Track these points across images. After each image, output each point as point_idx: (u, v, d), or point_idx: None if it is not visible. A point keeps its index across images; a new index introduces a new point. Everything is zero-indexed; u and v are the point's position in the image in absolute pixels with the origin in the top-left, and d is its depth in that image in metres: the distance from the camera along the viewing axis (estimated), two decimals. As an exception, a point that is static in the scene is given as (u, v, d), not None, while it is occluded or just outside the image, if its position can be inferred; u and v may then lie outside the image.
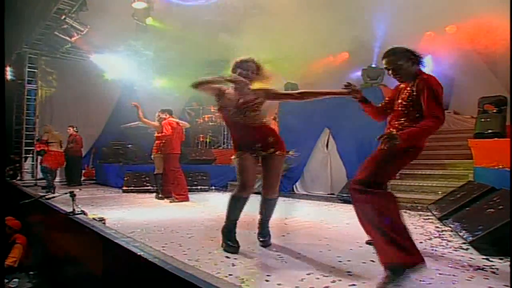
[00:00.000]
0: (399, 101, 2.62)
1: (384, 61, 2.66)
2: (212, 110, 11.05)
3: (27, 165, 10.05)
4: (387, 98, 2.87)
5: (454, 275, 2.34)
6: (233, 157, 3.10)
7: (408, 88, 2.56)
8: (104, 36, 8.58)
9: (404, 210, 4.94)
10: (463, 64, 8.30)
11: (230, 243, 2.98)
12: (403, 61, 2.55)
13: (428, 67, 8.12)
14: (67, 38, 8.05)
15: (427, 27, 8.50)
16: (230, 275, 2.37)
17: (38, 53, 9.79)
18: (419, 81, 2.49)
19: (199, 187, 7.68)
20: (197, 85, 2.98)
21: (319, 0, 7.56)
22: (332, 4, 7.35)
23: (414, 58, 2.56)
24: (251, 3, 7.82)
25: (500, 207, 3.10)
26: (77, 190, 4.47)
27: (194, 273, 2.13)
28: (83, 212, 4.17)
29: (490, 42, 7.50)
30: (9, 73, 10.07)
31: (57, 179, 9.90)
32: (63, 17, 7.47)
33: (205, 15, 7.67)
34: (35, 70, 9.98)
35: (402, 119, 2.57)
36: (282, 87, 8.89)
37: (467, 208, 3.66)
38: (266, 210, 3.26)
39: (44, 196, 4.36)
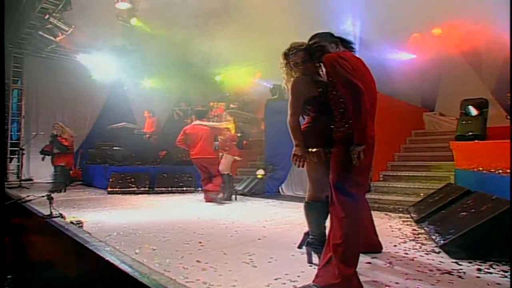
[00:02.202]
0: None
1: (309, 44, 2.58)
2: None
3: (12, 165, 9.92)
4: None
5: (420, 279, 2.35)
6: None
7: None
8: (89, 35, 8.49)
9: (385, 212, 4.97)
10: (448, 66, 8.36)
11: None
12: (326, 42, 2.49)
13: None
14: (52, 38, 7.96)
15: (413, 29, 8.54)
16: (197, 280, 2.36)
17: (23, 53, 9.68)
18: (323, 61, 2.39)
19: (184, 188, 7.66)
20: None
21: (302, 3, 7.57)
22: (314, 6, 7.36)
23: (339, 41, 2.51)
24: (233, 4, 7.80)
25: (473, 210, 3.12)
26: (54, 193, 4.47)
27: (158, 279, 2.13)
28: (60, 215, 4.14)
29: (475, 45, 7.57)
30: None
31: (49, 179, 9.85)
32: (47, 16, 7.38)
33: (191, 16, 7.62)
34: (21, 70, 9.86)
35: (337, 108, 2.40)
36: (267, 91, 8.92)
37: (442, 211, 3.69)
38: None
39: (20, 199, 4.31)
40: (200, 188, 8.07)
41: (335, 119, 2.40)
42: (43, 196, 4.14)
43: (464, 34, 7.78)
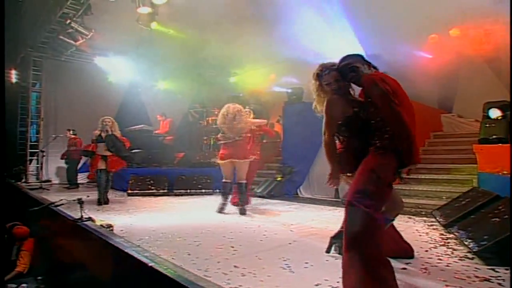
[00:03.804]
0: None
1: (341, 65, 2.63)
2: (216, 112, 11.08)
3: (32, 167, 10.10)
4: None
5: (460, 287, 2.37)
6: None
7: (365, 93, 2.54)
8: (108, 39, 8.63)
9: (409, 216, 4.98)
10: (466, 67, 8.31)
11: None
12: (359, 64, 2.56)
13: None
14: (72, 42, 8.10)
15: (431, 29, 8.50)
16: (240, 286, 2.41)
17: (43, 56, 9.85)
18: (363, 81, 2.45)
19: (203, 190, 7.73)
20: None
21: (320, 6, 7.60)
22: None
23: (367, 63, 2.58)
24: (252, 6, 7.85)
25: (506, 216, 3.13)
26: (86, 196, 4.56)
27: (206, 286, 2.18)
28: (90, 219, 4.23)
29: (494, 46, 7.51)
30: (14, 76, 10.14)
31: (57, 181, 10.03)
32: (68, 21, 7.51)
33: (208, 17, 7.68)
34: (39, 73, 10.04)
35: (378, 127, 2.44)
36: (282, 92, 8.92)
37: (472, 216, 3.69)
38: None
39: (53, 203, 4.41)
40: (218, 190, 8.14)
41: (376, 134, 2.43)
42: (74, 200, 4.24)
43: (483, 35, 7.74)
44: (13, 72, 10.12)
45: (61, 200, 4.22)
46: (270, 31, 7.76)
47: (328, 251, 3.17)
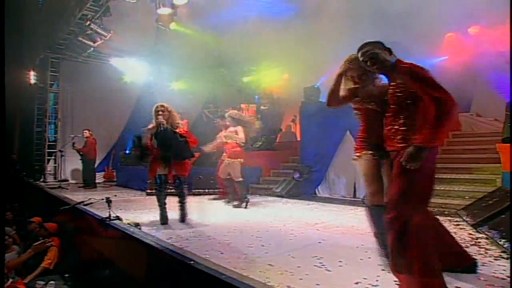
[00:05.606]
0: (390, 99, 2.49)
1: (360, 53, 2.56)
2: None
3: (50, 167, 10.25)
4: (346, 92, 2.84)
5: (502, 286, 2.36)
6: None
7: (394, 83, 2.46)
8: (125, 40, 8.72)
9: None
10: (485, 66, 8.21)
11: None
12: (379, 50, 2.48)
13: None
14: (91, 43, 8.20)
15: (447, 28, 8.43)
16: (280, 283, 2.42)
17: (60, 57, 9.99)
18: (405, 69, 2.36)
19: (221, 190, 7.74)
20: None
21: (333, 7, 7.59)
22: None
23: (387, 49, 2.51)
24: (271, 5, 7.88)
25: (540, 216, 3.11)
26: (114, 195, 4.61)
27: (251, 283, 2.21)
28: (118, 218, 4.29)
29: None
30: (32, 77, 10.28)
31: (73, 181, 10.11)
32: (88, 23, 7.60)
33: (226, 17, 7.73)
34: (57, 74, 10.18)
35: (402, 118, 2.41)
36: (301, 91, 8.88)
37: (502, 216, 3.66)
38: None
39: (81, 202, 4.48)
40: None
41: (395, 127, 2.43)
42: (102, 199, 4.30)
43: (502, 32, 7.64)
44: (32, 73, 10.26)
45: (90, 199, 4.28)
46: (290, 29, 7.78)
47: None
